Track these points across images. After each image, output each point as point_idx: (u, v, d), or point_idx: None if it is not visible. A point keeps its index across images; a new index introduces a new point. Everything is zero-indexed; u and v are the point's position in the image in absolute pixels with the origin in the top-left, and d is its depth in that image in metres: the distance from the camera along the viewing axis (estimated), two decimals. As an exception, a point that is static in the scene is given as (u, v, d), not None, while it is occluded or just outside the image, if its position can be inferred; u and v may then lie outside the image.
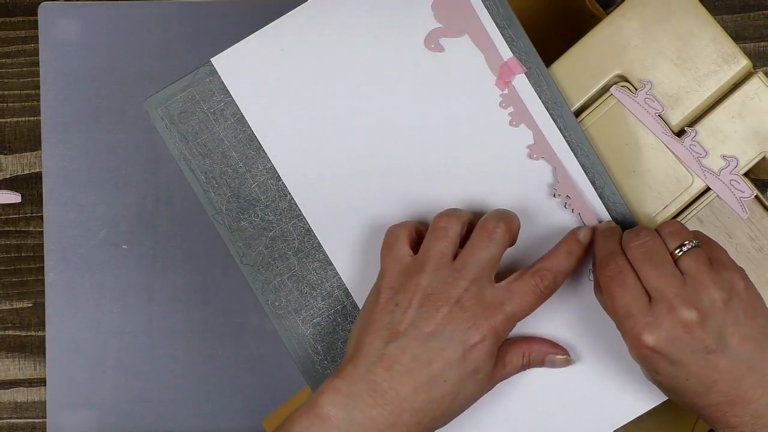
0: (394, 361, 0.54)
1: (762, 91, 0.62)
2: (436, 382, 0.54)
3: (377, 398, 0.53)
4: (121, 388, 0.79)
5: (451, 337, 0.54)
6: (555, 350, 0.59)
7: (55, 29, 0.80)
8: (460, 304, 0.54)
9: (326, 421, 0.53)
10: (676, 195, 0.62)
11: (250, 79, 0.61)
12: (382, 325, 0.55)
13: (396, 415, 0.53)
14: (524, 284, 0.56)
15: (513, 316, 0.55)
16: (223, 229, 0.62)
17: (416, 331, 0.54)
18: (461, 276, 0.55)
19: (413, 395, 0.54)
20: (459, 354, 0.54)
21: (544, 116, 0.61)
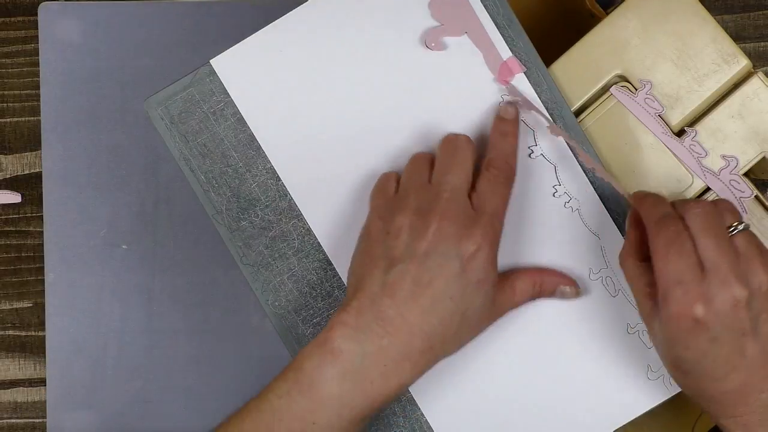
0: (396, 288, 0.54)
1: (762, 91, 0.62)
2: (442, 300, 0.54)
3: (386, 327, 0.53)
4: (121, 388, 0.79)
5: (447, 252, 0.54)
6: (566, 281, 0.60)
7: (55, 29, 0.80)
8: (446, 218, 0.54)
9: (338, 355, 0.53)
10: (676, 195, 0.62)
11: (250, 80, 0.61)
12: (377, 255, 0.55)
13: (407, 342, 0.53)
14: (486, 180, 0.57)
15: (495, 212, 0.56)
16: (223, 229, 0.62)
17: (412, 253, 0.54)
18: (440, 191, 0.55)
19: (422, 318, 0.53)
20: (458, 267, 0.54)
21: (546, 121, 0.61)
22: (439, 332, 0.54)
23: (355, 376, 0.53)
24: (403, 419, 0.62)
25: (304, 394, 0.53)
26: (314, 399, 0.53)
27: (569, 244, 0.61)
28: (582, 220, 0.61)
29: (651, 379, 0.61)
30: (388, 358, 0.53)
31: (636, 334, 0.61)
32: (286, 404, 0.53)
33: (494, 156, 0.58)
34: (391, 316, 0.53)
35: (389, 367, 0.53)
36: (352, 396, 0.53)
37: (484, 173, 0.57)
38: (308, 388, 0.53)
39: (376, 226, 0.57)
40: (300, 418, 0.53)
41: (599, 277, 0.61)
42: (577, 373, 0.61)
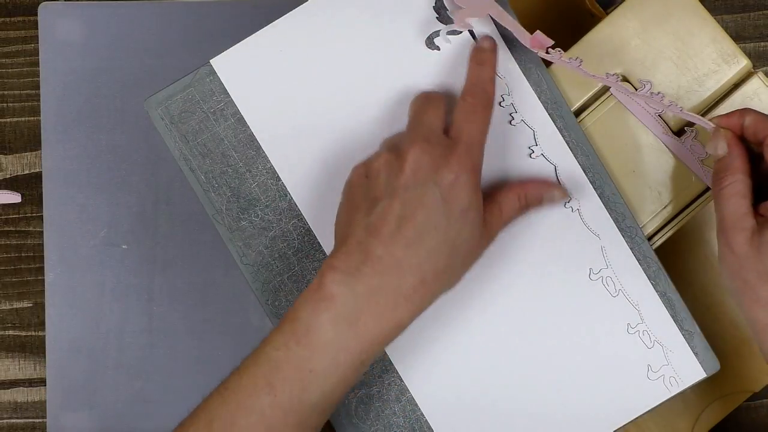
0: (380, 226, 0.53)
1: (762, 91, 0.62)
2: (427, 232, 0.53)
3: (375, 266, 0.53)
4: (121, 388, 0.79)
5: (426, 182, 0.54)
6: (550, 187, 0.59)
7: (55, 29, 0.80)
8: (421, 151, 0.54)
9: (331, 300, 0.53)
10: (676, 195, 0.62)
11: (250, 80, 0.61)
12: (359, 200, 0.55)
13: (398, 278, 0.53)
14: (463, 109, 0.57)
15: (472, 139, 0.56)
16: (223, 229, 0.62)
17: (391, 189, 0.54)
18: (415, 132, 0.56)
19: (408, 252, 0.53)
20: (438, 197, 0.54)
21: (544, 116, 0.61)
22: (430, 265, 0.54)
23: (349, 319, 0.53)
24: (403, 419, 0.62)
25: (300, 343, 0.53)
26: (310, 346, 0.53)
27: (569, 244, 0.61)
28: (582, 220, 0.61)
29: (651, 379, 0.61)
30: (381, 298, 0.53)
31: (636, 334, 0.61)
32: (283, 355, 0.53)
33: (471, 85, 0.58)
34: (379, 254, 0.53)
35: (383, 306, 0.53)
36: (347, 339, 0.53)
37: (460, 103, 0.57)
38: (304, 336, 0.53)
39: (356, 174, 0.57)
40: (297, 367, 0.53)
41: (599, 278, 0.61)
42: (578, 374, 0.61)
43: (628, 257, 0.61)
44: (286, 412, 0.53)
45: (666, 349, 0.61)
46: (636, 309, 0.61)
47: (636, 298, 0.61)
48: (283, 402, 0.53)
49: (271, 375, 0.53)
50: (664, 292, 0.61)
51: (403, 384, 0.62)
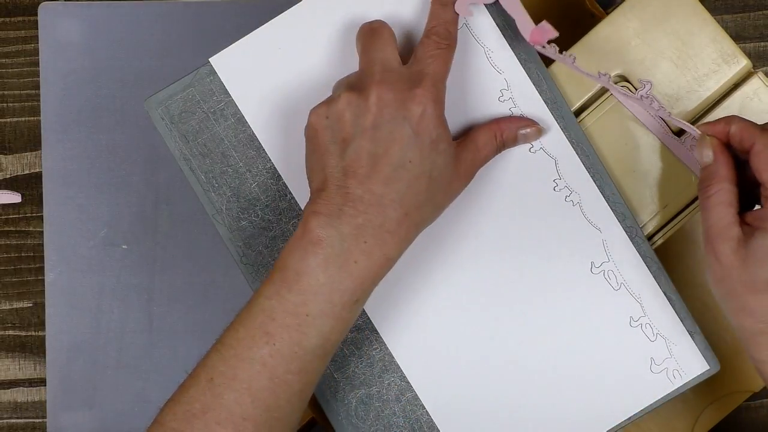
0: (355, 166, 0.54)
1: (762, 91, 0.62)
2: (402, 166, 0.54)
3: (357, 206, 0.53)
4: (121, 388, 0.79)
5: (394, 118, 0.54)
6: (524, 123, 0.60)
7: (55, 29, 0.80)
8: (383, 86, 0.54)
9: (318, 244, 0.53)
10: (676, 195, 0.62)
11: (250, 79, 0.61)
12: (327, 143, 0.55)
13: (381, 214, 0.54)
14: (427, 46, 0.57)
15: (437, 75, 0.56)
16: (223, 229, 0.62)
17: (360, 129, 0.54)
18: (371, 68, 0.56)
19: (387, 187, 0.54)
20: (409, 130, 0.54)
21: (544, 110, 0.61)
22: (410, 197, 0.54)
23: (338, 260, 0.53)
24: (403, 419, 0.62)
25: (292, 290, 0.53)
26: (303, 291, 0.53)
27: (570, 238, 0.61)
28: (583, 214, 0.61)
29: (654, 372, 0.61)
30: (367, 235, 0.53)
31: (639, 328, 0.61)
32: (276, 303, 0.54)
33: (434, 24, 0.58)
34: (359, 194, 0.53)
35: (370, 243, 0.53)
36: (340, 279, 0.53)
37: (424, 41, 0.57)
38: (295, 282, 0.53)
39: (316, 119, 0.56)
40: (293, 312, 0.53)
41: (601, 271, 0.61)
42: (580, 368, 0.61)
43: (629, 250, 0.61)
44: (287, 359, 0.54)
45: (669, 342, 0.61)
46: (638, 302, 0.61)
47: (638, 292, 0.61)
48: (283, 349, 0.53)
49: (268, 324, 0.54)
50: (665, 292, 0.61)
51: (403, 384, 0.62)
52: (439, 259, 0.61)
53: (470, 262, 0.61)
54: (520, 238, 0.61)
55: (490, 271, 0.61)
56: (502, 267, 0.61)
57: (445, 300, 0.61)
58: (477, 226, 0.61)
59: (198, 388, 0.55)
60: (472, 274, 0.61)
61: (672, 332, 0.61)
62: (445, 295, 0.61)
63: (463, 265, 0.61)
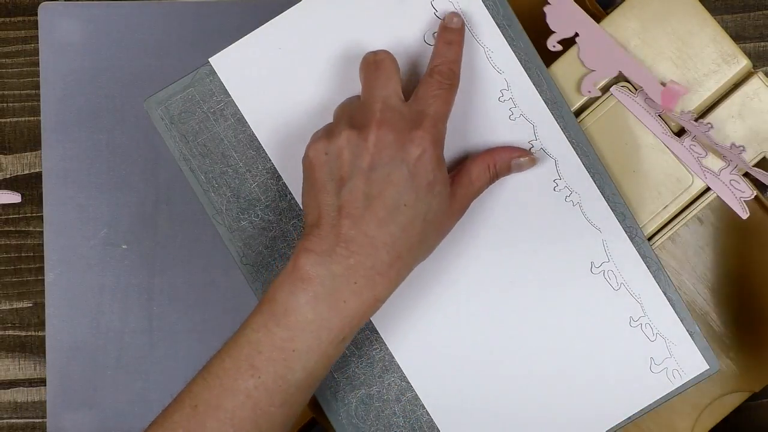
0: (350, 207, 0.54)
1: (762, 91, 0.62)
2: (396, 209, 0.54)
3: (350, 247, 0.53)
4: (121, 388, 0.79)
5: (392, 160, 0.54)
6: (518, 153, 0.60)
7: (55, 29, 0.80)
8: (384, 127, 0.54)
9: (309, 281, 0.53)
10: (676, 195, 0.62)
11: (249, 79, 0.61)
12: (325, 180, 0.55)
13: (373, 256, 0.54)
14: (429, 85, 0.57)
15: (438, 115, 0.56)
16: (223, 229, 0.62)
17: (357, 169, 0.54)
18: (372, 104, 0.56)
19: (380, 230, 0.54)
20: (405, 173, 0.54)
21: (544, 111, 0.61)
22: (403, 240, 0.54)
23: (327, 299, 0.53)
24: (403, 419, 0.62)
25: (280, 324, 0.54)
26: (291, 327, 0.53)
27: (570, 238, 0.61)
28: (583, 214, 0.61)
29: (654, 372, 0.61)
30: (358, 275, 0.53)
31: (639, 328, 0.61)
32: (264, 336, 0.54)
33: (438, 63, 0.58)
34: (352, 235, 0.54)
35: (360, 284, 0.54)
36: (328, 318, 0.53)
37: (427, 79, 0.57)
38: (283, 317, 0.54)
39: (315, 153, 0.56)
40: (279, 347, 0.54)
41: (601, 271, 0.61)
42: (580, 367, 0.61)
43: (629, 251, 0.61)
44: (271, 392, 0.54)
45: (668, 342, 0.61)
46: (638, 302, 0.61)
47: (638, 292, 0.61)
48: (268, 382, 0.54)
49: (254, 357, 0.54)
50: (665, 292, 0.61)
51: (403, 384, 0.62)
52: (438, 259, 0.61)
53: (470, 262, 0.61)
54: (520, 238, 0.61)
55: (490, 271, 0.61)
56: (502, 267, 0.61)
57: (445, 300, 0.61)
58: (477, 226, 0.61)
59: (182, 414, 0.55)
60: (472, 275, 0.61)
61: (672, 332, 0.61)
62: (445, 295, 0.61)
63: (463, 266, 0.61)
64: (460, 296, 0.61)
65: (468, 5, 0.61)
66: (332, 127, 0.57)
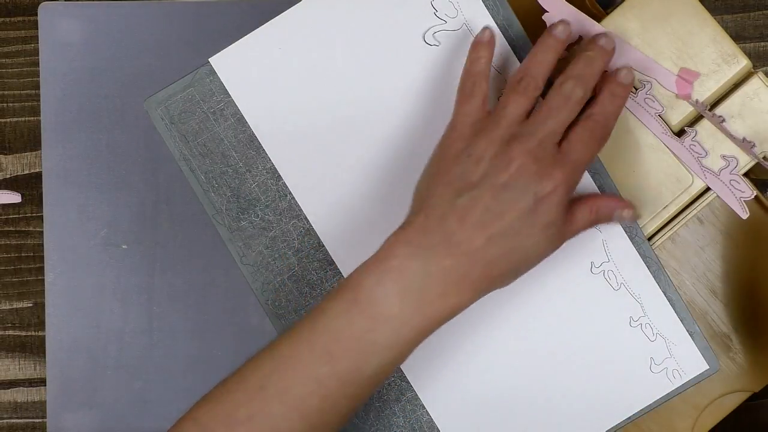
0: (466, 213, 0.53)
1: (762, 91, 0.62)
2: (508, 234, 0.53)
3: (451, 249, 0.53)
4: (121, 388, 0.79)
5: (525, 188, 0.53)
6: (622, 204, 0.59)
7: (55, 29, 0.80)
8: (532, 157, 0.54)
9: (400, 273, 0.52)
10: (676, 195, 0.62)
11: (249, 79, 0.61)
12: (453, 177, 0.54)
13: (469, 266, 0.53)
14: (582, 132, 0.55)
15: (580, 162, 0.55)
16: (223, 229, 0.62)
17: (489, 182, 0.53)
18: (535, 131, 0.54)
19: (486, 247, 0.53)
20: (531, 205, 0.53)
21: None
22: (501, 264, 0.54)
23: (415, 295, 0.52)
24: (403, 419, 0.62)
25: (363, 313, 0.52)
26: (374, 317, 0.52)
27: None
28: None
29: (654, 372, 0.61)
30: (450, 280, 0.53)
31: (639, 328, 0.61)
32: (344, 324, 0.52)
33: (598, 112, 0.56)
34: (459, 239, 0.53)
35: (449, 289, 0.53)
36: (412, 315, 0.52)
37: (582, 124, 0.56)
38: (367, 306, 0.52)
39: (456, 146, 0.55)
40: (359, 337, 0.52)
41: (601, 271, 0.61)
42: (581, 367, 0.61)
43: (629, 251, 0.61)
44: (344, 383, 0.53)
45: (668, 342, 0.61)
46: (638, 302, 0.61)
47: (638, 292, 0.61)
48: (341, 372, 0.52)
49: (331, 344, 0.52)
50: (665, 292, 0.61)
51: (403, 384, 0.62)
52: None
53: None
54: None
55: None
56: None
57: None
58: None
59: (246, 393, 0.53)
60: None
61: (672, 332, 0.61)
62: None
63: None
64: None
65: (468, 6, 0.61)
66: (486, 126, 0.55)
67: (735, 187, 0.61)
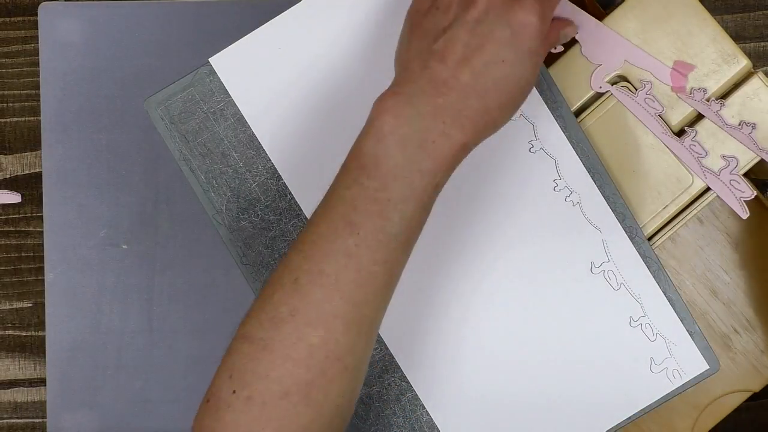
0: (446, 52, 0.53)
1: (762, 91, 0.62)
2: (494, 63, 0.53)
3: (439, 88, 0.52)
4: (121, 388, 0.79)
5: (498, 19, 0.53)
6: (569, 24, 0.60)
7: (55, 29, 0.80)
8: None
9: (395, 123, 0.51)
10: (676, 195, 0.62)
11: (249, 79, 0.61)
12: (427, 30, 0.54)
13: (462, 100, 0.52)
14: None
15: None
16: (223, 229, 0.62)
17: (461, 21, 0.53)
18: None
19: (475, 79, 0.52)
20: (509, 34, 0.53)
21: (544, 111, 0.61)
22: (494, 94, 0.53)
23: (416, 141, 0.51)
24: (403, 419, 0.62)
25: (371, 176, 0.52)
26: (383, 175, 0.51)
27: (570, 238, 0.61)
28: (583, 214, 0.61)
29: (654, 372, 0.61)
30: (446, 116, 0.52)
31: (639, 327, 0.61)
32: (357, 191, 0.52)
33: None
34: (444, 78, 0.52)
35: (448, 124, 0.52)
36: (419, 160, 0.52)
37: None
38: (374, 167, 0.52)
39: (423, 4, 0.55)
40: (374, 199, 0.52)
41: (601, 271, 0.61)
42: (580, 367, 0.61)
43: (629, 251, 0.61)
44: (373, 248, 0.52)
45: (669, 342, 0.61)
46: (638, 302, 0.61)
47: (638, 292, 0.61)
48: (368, 238, 0.51)
49: (350, 214, 0.52)
50: (665, 292, 0.61)
51: (403, 384, 0.62)
52: (438, 259, 0.61)
53: (470, 262, 0.61)
54: (520, 238, 0.61)
55: (490, 270, 0.61)
56: (502, 267, 0.61)
57: (445, 300, 0.61)
58: (477, 227, 0.61)
59: (283, 291, 0.52)
60: (472, 275, 0.61)
61: (672, 332, 0.61)
62: (444, 295, 0.61)
63: (463, 266, 0.61)
64: (460, 297, 0.61)
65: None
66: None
67: (735, 187, 0.61)
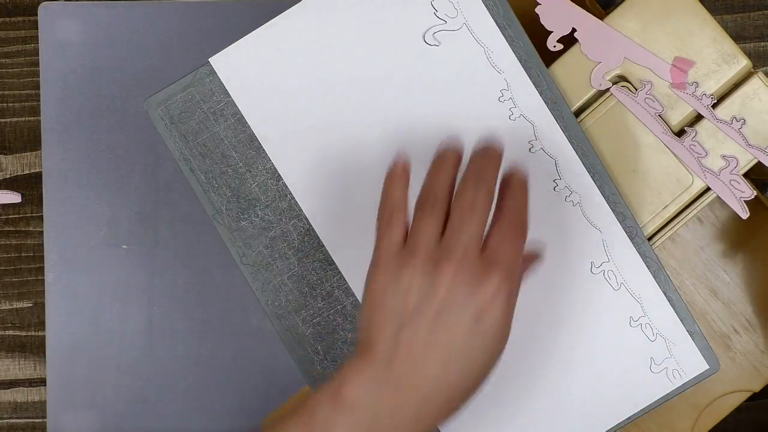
0: (411, 347, 0.52)
1: (762, 91, 0.62)
2: (460, 354, 0.52)
3: (401, 382, 0.52)
4: (121, 388, 0.79)
5: (462, 306, 0.52)
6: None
7: (55, 29, 0.80)
8: (458, 276, 0.52)
9: (352, 408, 0.52)
10: (676, 195, 0.62)
11: (249, 79, 0.61)
12: (389, 313, 0.53)
13: (425, 399, 0.52)
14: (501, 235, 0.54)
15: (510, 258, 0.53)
16: (223, 229, 0.62)
17: (422, 313, 0.52)
18: (453, 248, 0.53)
19: (440, 374, 0.52)
20: (472, 323, 0.52)
21: (544, 111, 0.61)
22: (460, 384, 0.53)
23: (368, 429, 0.52)
24: (403, 419, 0.62)
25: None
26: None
27: (570, 238, 0.61)
28: (583, 214, 0.61)
29: (654, 372, 0.61)
30: (405, 417, 0.52)
31: (639, 328, 0.61)
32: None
33: (508, 211, 0.55)
34: (408, 373, 0.52)
35: (406, 421, 0.52)
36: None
37: (499, 224, 0.54)
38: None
39: (383, 281, 0.54)
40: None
41: (601, 271, 0.61)
42: (580, 367, 0.61)
43: (629, 251, 0.61)
44: None
45: (669, 342, 0.61)
46: (638, 302, 0.61)
47: (638, 292, 0.61)
48: None
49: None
50: (665, 292, 0.61)
51: (403, 384, 0.62)
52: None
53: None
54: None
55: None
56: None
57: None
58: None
59: None
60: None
61: (672, 332, 0.61)
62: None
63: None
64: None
65: (468, 5, 0.61)
66: (405, 255, 0.54)
67: (735, 187, 0.61)
